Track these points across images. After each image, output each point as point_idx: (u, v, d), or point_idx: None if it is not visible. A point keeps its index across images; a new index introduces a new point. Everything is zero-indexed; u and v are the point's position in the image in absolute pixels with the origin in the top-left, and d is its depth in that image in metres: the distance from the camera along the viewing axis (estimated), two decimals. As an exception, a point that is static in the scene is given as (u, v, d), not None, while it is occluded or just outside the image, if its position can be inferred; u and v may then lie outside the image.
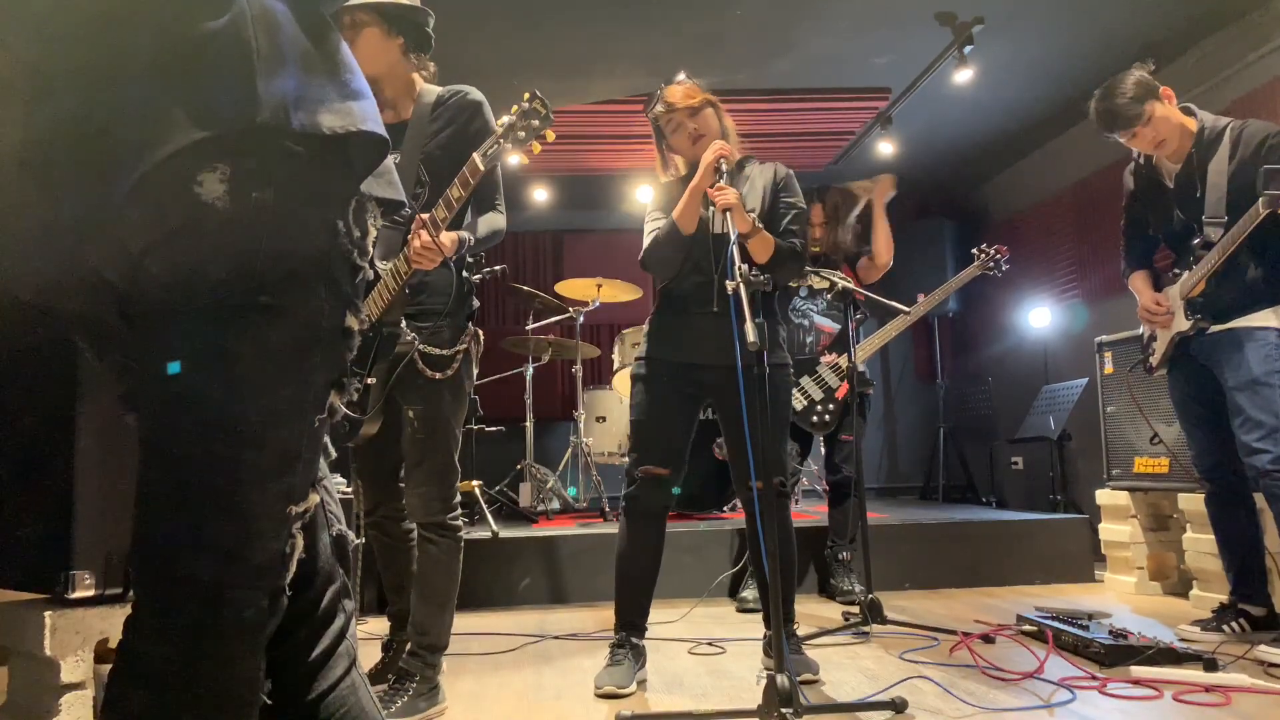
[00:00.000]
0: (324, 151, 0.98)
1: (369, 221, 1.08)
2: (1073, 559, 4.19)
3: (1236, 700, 2.24)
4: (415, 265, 2.11)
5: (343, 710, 1.12)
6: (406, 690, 2.25)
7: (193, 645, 0.91)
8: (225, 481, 0.93)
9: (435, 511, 2.27)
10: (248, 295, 0.92)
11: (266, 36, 0.92)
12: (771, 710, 1.88)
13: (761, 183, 2.63)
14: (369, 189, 1.07)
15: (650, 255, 2.60)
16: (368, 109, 1.02)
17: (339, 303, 1.01)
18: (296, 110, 0.93)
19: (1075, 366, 5.40)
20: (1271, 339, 2.68)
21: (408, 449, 2.28)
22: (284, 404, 0.97)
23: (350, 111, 0.99)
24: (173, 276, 0.91)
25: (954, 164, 6.34)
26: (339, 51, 1.03)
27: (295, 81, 0.94)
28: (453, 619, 2.35)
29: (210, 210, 0.90)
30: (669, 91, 2.58)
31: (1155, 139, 2.83)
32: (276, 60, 0.93)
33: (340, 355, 1.04)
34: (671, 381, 2.58)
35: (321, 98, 0.96)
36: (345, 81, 1.01)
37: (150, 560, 0.93)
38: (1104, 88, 2.84)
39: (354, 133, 0.98)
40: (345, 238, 1.02)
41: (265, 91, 0.90)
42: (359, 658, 1.20)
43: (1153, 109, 2.77)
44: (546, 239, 7.11)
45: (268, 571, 0.97)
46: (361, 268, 1.05)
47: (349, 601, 1.19)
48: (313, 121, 0.94)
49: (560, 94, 5.00)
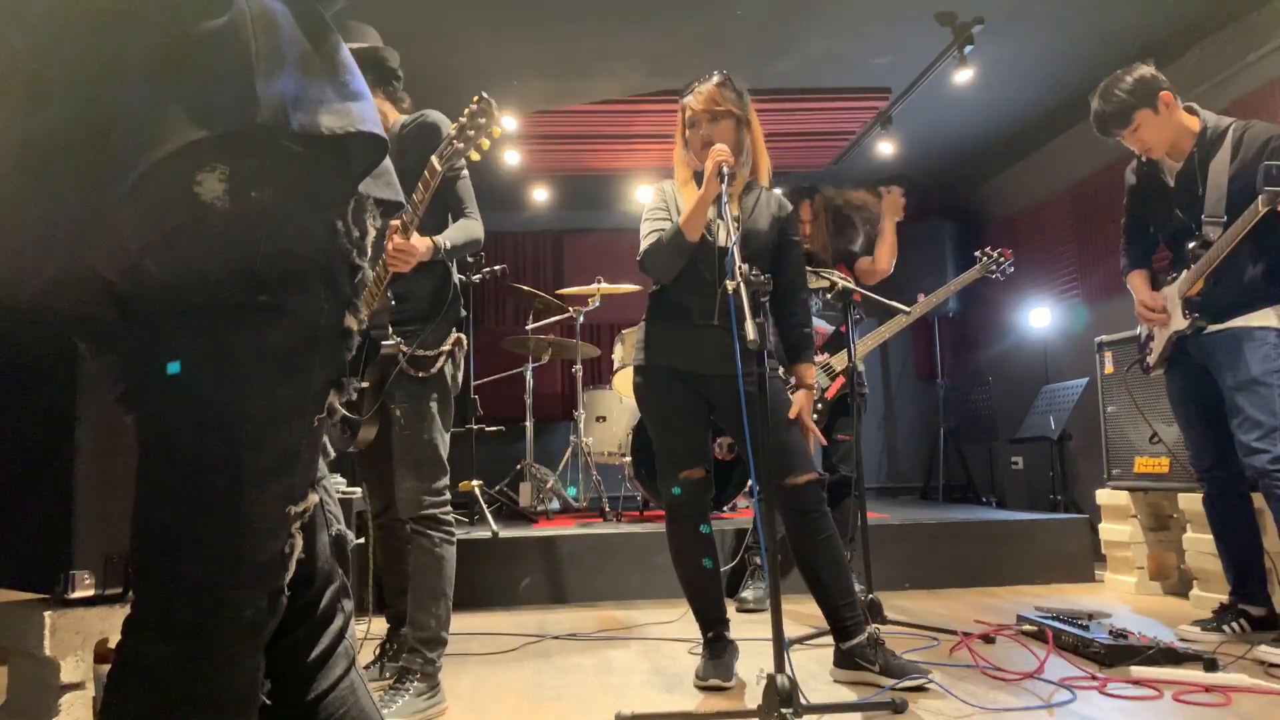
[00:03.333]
0: (323, 152, 0.98)
1: (368, 221, 1.08)
2: (1073, 559, 4.19)
3: (1236, 700, 2.24)
4: (391, 268, 2.24)
5: (342, 710, 1.12)
6: (407, 689, 2.26)
7: (192, 645, 0.91)
8: (224, 482, 0.93)
9: (424, 505, 2.35)
10: (247, 295, 0.92)
11: (266, 37, 0.92)
12: (771, 710, 1.87)
13: (768, 209, 2.60)
14: (367, 190, 1.07)
15: (650, 258, 2.56)
16: (367, 110, 1.01)
17: (338, 303, 1.01)
18: (296, 111, 0.93)
19: (1075, 366, 5.40)
20: (1270, 339, 2.68)
21: (394, 446, 2.37)
22: (283, 404, 0.96)
23: (349, 112, 0.99)
24: (171, 276, 0.91)
25: (954, 164, 6.34)
26: (338, 52, 1.03)
27: (294, 82, 0.94)
28: (449, 615, 2.38)
29: (209, 210, 0.90)
30: (699, 90, 2.55)
31: (1142, 147, 2.85)
32: (276, 61, 0.92)
33: (339, 355, 1.04)
34: (681, 387, 2.57)
35: (321, 98, 0.96)
36: (345, 82, 1.01)
37: (149, 560, 0.93)
38: (1102, 86, 2.84)
39: (353, 133, 0.98)
40: (344, 238, 1.02)
41: (264, 92, 0.90)
42: (358, 658, 1.21)
43: (1142, 118, 2.77)
44: (546, 239, 7.11)
45: (267, 572, 0.97)
46: (360, 268, 1.05)
47: (348, 602, 1.19)
48: (312, 122, 0.94)
49: (560, 94, 5.01)
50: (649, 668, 2.73)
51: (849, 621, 2.46)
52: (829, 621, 2.50)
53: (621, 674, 2.67)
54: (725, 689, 2.45)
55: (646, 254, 2.56)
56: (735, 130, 2.53)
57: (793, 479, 2.44)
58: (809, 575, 2.48)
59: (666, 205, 2.63)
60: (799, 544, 2.48)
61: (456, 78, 4.65)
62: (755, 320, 1.97)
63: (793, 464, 2.45)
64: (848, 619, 2.46)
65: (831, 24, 4.26)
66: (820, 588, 2.47)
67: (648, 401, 2.63)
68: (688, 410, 2.58)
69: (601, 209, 7.00)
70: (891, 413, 7.28)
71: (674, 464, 2.56)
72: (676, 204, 2.61)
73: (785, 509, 2.48)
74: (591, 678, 2.63)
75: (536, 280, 6.75)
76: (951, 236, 6.58)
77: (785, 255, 2.61)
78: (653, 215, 2.62)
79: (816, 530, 2.45)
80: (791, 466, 2.45)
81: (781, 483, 2.44)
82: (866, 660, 2.42)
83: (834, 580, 2.45)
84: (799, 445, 2.50)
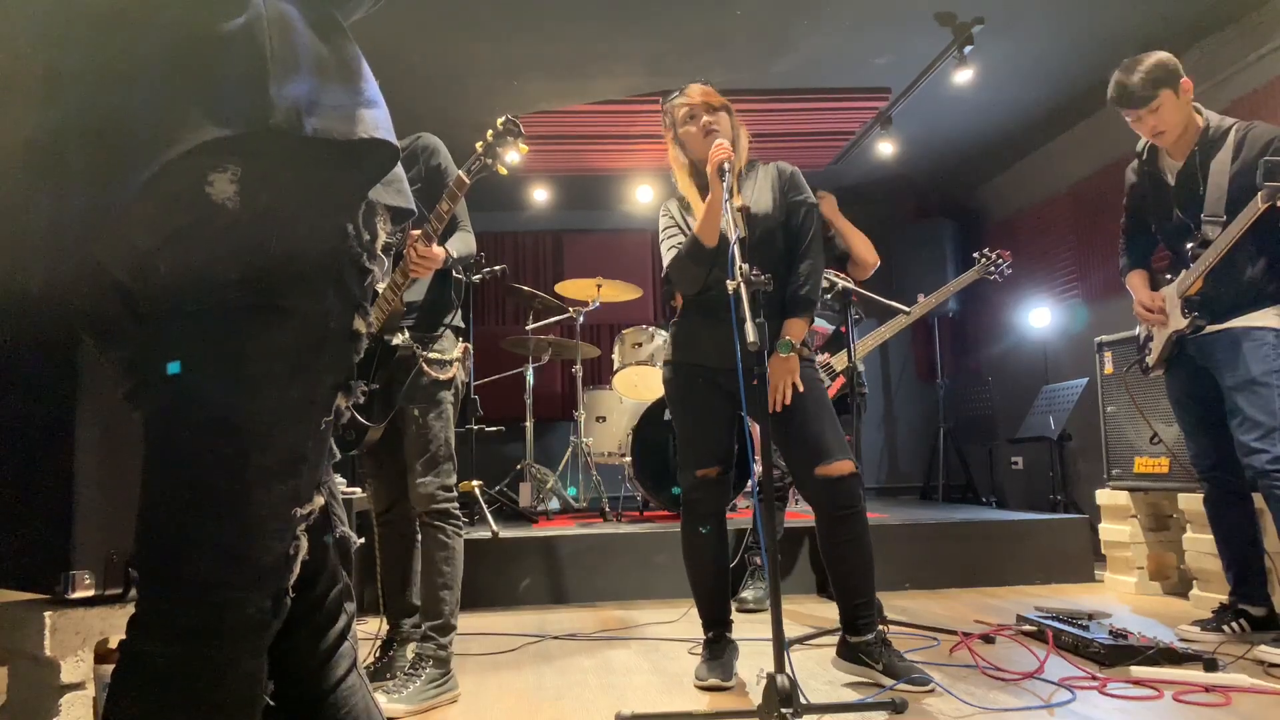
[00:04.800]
0: (335, 157, 0.98)
1: (379, 225, 1.08)
2: (1073, 559, 4.19)
3: (1236, 700, 2.24)
4: (413, 274, 2.38)
5: (344, 711, 1.12)
6: (419, 675, 2.35)
7: (195, 646, 0.91)
8: (230, 482, 0.92)
9: (438, 500, 2.47)
10: (256, 296, 0.92)
11: (281, 40, 0.93)
12: (771, 710, 1.88)
13: (769, 184, 2.62)
14: (378, 196, 1.07)
15: (675, 273, 2.58)
16: (379, 117, 1.02)
17: (347, 305, 1.01)
18: (309, 115, 0.93)
19: (1075, 366, 5.40)
20: (1269, 339, 2.68)
21: (411, 444, 2.48)
22: (291, 405, 0.97)
23: (363, 119, 0.99)
24: (181, 276, 0.91)
25: (954, 164, 6.34)
26: (354, 59, 1.03)
27: (309, 86, 0.94)
28: (458, 604, 2.49)
29: (220, 210, 0.90)
30: (690, 89, 2.61)
31: (1156, 128, 2.80)
32: (291, 64, 0.93)
33: (347, 357, 1.04)
34: (707, 384, 2.57)
35: (335, 104, 0.97)
36: (359, 89, 1.01)
37: (153, 560, 0.93)
38: (1126, 62, 2.81)
39: (365, 140, 0.98)
40: (354, 241, 1.02)
41: (278, 95, 0.91)
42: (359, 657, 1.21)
43: (1165, 98, 2.75)
44: (546, 239, 7.11)
45: (271, 573, 0.97)
46: (370, 271, 1.05)
47: (350, 604, 1.19)
48: (325, 127, 0.94)
49: (560, 94, 5.01)
50: (649, 668, 2.73)
51: (862, 620, 2.46)
52: (842, 615, 2.49)
53: (621, 674, 2.68)
54: (725, 689, 2.45)
55: (671, 269, 2.59)
56: (729, 122, 2.58)
57: (823, 468, 2.40)
58: (834, 570, 2.47)
59: (676, 224, 2.67)
60: (830, 539, 2.46)
61: (457, 78, 4.65)
62: (756, 320, 1.97)
63: (823, 451, 2.41)
64: (861, 617, 2.46)
65: (831, 24, 4.26)
66: (844, 584, 2.47)
67: (675, 397, 2.65)
68: (713, 409, 2.58)
69: (601, 209, 7.00)
70: (891, 413, 7.28)
71: (692, 460, 2.57)
72: (684, 217, 2.66)
73: (817, 502, 2.44)
74: (591, 678, 2.63)
75: (536, 280, 6.75)
76: (951, 236, 6.58)
77: (793, 216, 2.61)
78: (667, 236, 2.66)
79: (849, 529, 2.43)
80: (821, 453, 2.40)
81: (812, 472, 2.41)
82: (871, 658, 2.43)
83: (859, 579, 2.45)
84: (831, 430, 2.45)
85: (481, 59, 4.48)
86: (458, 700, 2.41)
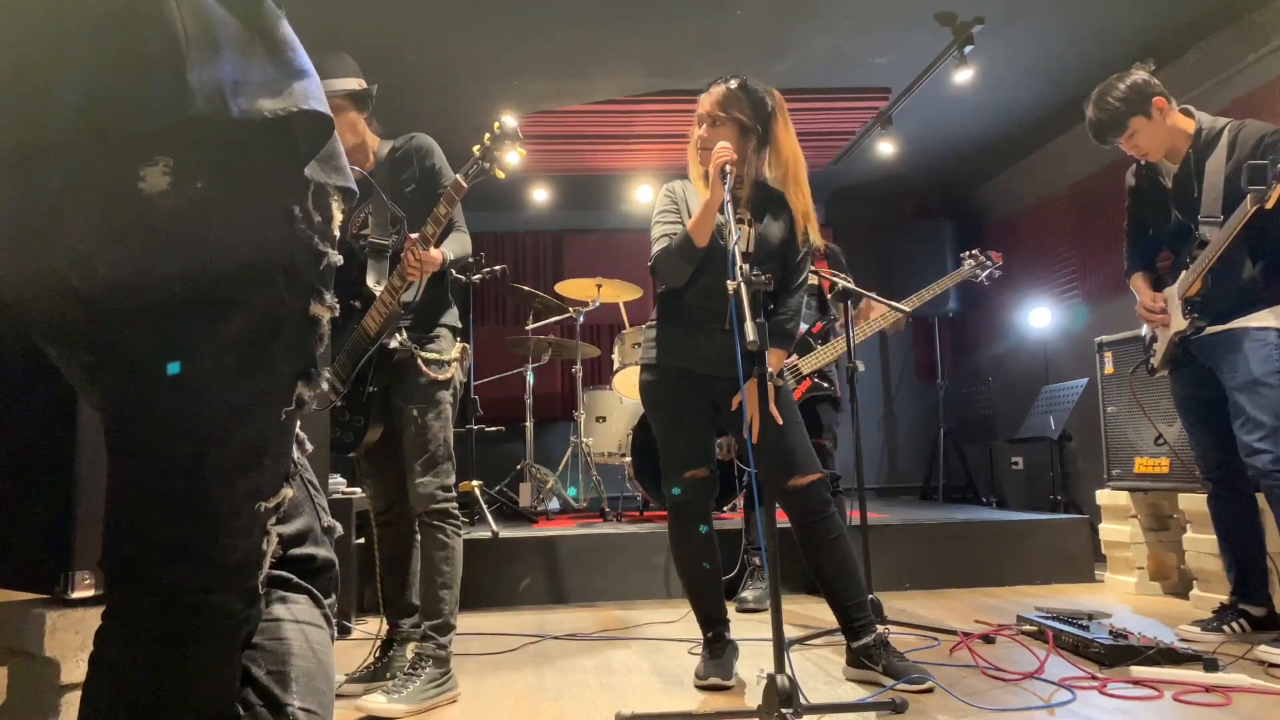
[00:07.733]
0: (268, 135, 0.93)
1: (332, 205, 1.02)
2: (1073, 559, 4.19)
3: (1236, 700, 2.24)
4: (410, 277, 2.38)
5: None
6: (419, 674, 2.35)
7: (164, 653, 0.89)
8: (190, 481, 0.90)
9: (438, 500, 2.47)
10: (201, 289, 0.89)
11: (195, 21, 0.88)
12: (771, 710, 1.87)
13: (785, 221, 2.57)
14: (315, 176, 1.00)
15: (661, 264, 2.54)
16: (310, 88, 0.96)
17: (301, 291, 0.97)
18: (235, 96, 0.88)
19: (1075, 366, 5.39)
20: (1270, 339, 2.68)
21: (411, 444, 2.48)
22: (246, 398, 0.93)
23: (291, 92, 0.93)
24: (123, 276, 0.88)
25: (953, 164, 6.33)
26: (278, 30, 0.96)
27: (230, 66, 0.89)
28: (457, 603, 2.49)
29: (154, 205, 0.87)
30: (712, 90, 2.55)
31: (1138, 153, 2.87)
32: (208, 46, 0.88)
33: (307, 345, 1.00)
34: (688, 386, 2.56)
35: (260, 80, 0.92)
36: (286, 60, 0.95)
37: (118, 565, 0.91)
38: (1095, 93, 2.85)
39: (295, 113, 0.93)
40: (303, 223, 0.97)
41: (197, 81, 0.86)
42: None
43: (1136, 125, 2.79)
44: (546, 239, 7.10)
45: (239, 570, 0.94)
46: (325, 254, 1.00)
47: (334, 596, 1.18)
48: (252, 106, 0.90)
49: (560, 94, 5.01)
50: (649, 668, 2.73)
51: (858, 622, 2.46)
52: (839, 622, 2.50)
53: (621, 674, 2.67)
54: (725, 689, 2.45)
55: (657, 259, 2.55)
56: (737, 137, 2.49)
57: (796, 480, 2.44)
58: (818, 576, 2.48)
59: (676, 206, 2.61)
60: (807, 545, 2.48)
61: (457, 78, 4.65)
62: (756, 321, 1.97)
63: (795, 465, 2.45)
64: (856, 620, 2.46)
65: (831, 24, 4.26)
66: (829, 589, 2.47)
67: (655, 400, 2.62)
68: (694, 410, 2.58)
69: (601, 209, 7.00)
70: (891, 413, 7.28)
71: (678, 463, 2.56)
72: (687, 204, 2.60)
73: (791, 512, 2.48)
74: (591, 678, 2.63)
75: (536, 280, 6.75)
76: (951, 236, 6.58)
77: (788, 249, 2.58)
78: (662, 218, 2.60)
79: (824, 531, 2.45)
80: (794, 468, 2.45)
81: (785, 485, 2.44)
82: (872, 660, 2.43)
83: (843, 582, 2.46)
84: (802, 446, 2.49)
85: (481, 59, 4.48)
86: (457, 700, 2.41)
